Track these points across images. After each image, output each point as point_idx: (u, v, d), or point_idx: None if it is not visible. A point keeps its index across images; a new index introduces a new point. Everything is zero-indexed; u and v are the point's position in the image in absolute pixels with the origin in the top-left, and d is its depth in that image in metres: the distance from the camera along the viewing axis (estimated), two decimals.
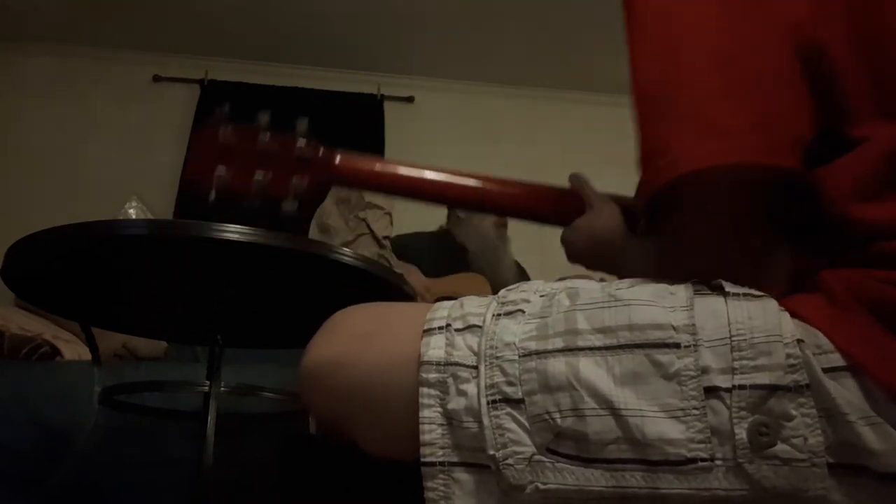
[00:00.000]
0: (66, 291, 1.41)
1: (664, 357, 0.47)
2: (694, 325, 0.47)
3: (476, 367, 0.51)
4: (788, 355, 0.45)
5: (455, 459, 0.50)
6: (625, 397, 0.46)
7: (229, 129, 0.78)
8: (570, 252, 0.83)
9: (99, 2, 3.17)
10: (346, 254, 1.20)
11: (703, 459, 0.45)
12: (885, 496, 0.44)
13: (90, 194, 3.07)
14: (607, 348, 0.48)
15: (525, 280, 0.65)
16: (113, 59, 3.50)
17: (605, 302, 0.51)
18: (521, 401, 0.49)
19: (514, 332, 0.52)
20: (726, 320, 0.47)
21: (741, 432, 0.44)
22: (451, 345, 0.53)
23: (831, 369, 0.45)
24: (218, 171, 0.78)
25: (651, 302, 0.49)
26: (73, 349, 2.09)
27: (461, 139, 3.62)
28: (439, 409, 0.51)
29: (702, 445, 0.45)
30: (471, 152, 3.56)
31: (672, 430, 0.45)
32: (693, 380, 0.46)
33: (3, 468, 1.63)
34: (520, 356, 0.50)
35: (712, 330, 0.47)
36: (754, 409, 0.44)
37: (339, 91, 3.56)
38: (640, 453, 0.46)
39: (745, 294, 0.49)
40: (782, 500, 0.44)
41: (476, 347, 0.52)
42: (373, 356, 0.56)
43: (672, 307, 0.49)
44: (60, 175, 3.25)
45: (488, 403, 0.49)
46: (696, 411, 0.45)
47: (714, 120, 0.52)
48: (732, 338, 0.46)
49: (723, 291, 0.49)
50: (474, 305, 0.56)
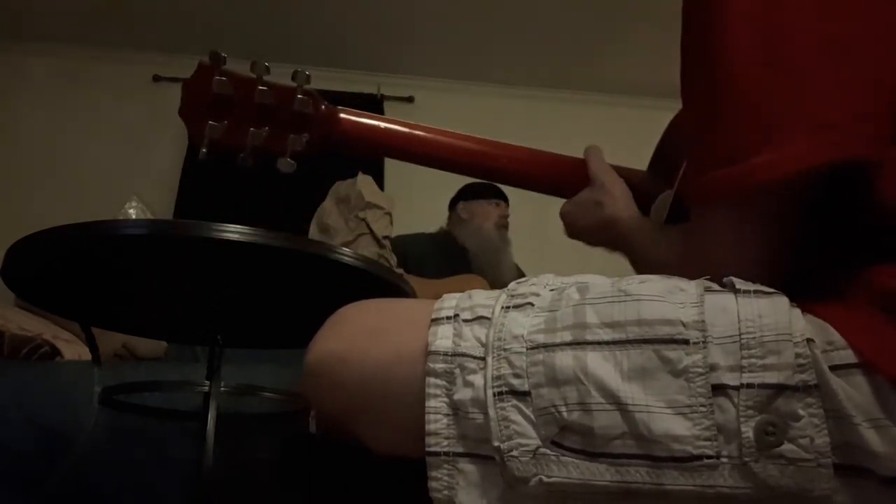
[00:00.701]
0: (66, 291, 1.41)
1: (673, 353, 0.46)
2: (703, 321, 0.47)
3: (483, 359, 0.51)
4: (797, 355, 0.45)
5: (460, 450, 0.50)
6: (632, 392, 0.46)
7: (224, 78, 0.72)
8: (570, 226, 0.81)
9: (99, 2, 3.17)
10: (346, 254, 1.20)
11: (708, 457, 0.44)
12: (887, 500, 0.43)
13: (90, 194, 3.07)
14: (616, 343, 0.48)
15: None
16: (113, 59, 3.50)
17: (614, 297, 0.51)
18: (528, 393, 0.49)
19: (523, 324, 0.51)
20: (736, 318, 0.47)
21: (748, 431, 0.44)
22: (458, 335, 0.53)
23: (842, 366, 0.45)
24: (211, 122, 0.72)
25: (661, 298, 0.49)
26: (73, 349, 2.09)
27: None
28: (445, 399, 0.51)
29: (708, 443, 0.45)
30: None
31: (679, 426, 0.45)
32: (701, 377, 0.45)
33: (3, 468, 1.62)
34: (527, 349, 0.50)
35: (722, 327, 0.47)
36: (762, 408, 0.44)
37: (339, 91, 3.56)
38: (646, 449, 0.45)
39: (755, 291, 0.48)
40: (787, 499, 0.44)
41: (484, 339, 0.52)
42: (379, 351, 0.55)
43: (682, 303, 0.48)
44: (60, 175, 3.25)
45: (494, 395, 0.49)
46: (704, 408, 0.45)
47: (826, 114, 0.50)
48: (742, 335, 0.46)
49: (734, 288, 0.49)
50: (483, 297, 0.56)
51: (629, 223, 0.75)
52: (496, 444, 0.48)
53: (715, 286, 0.50)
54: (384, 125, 0.80)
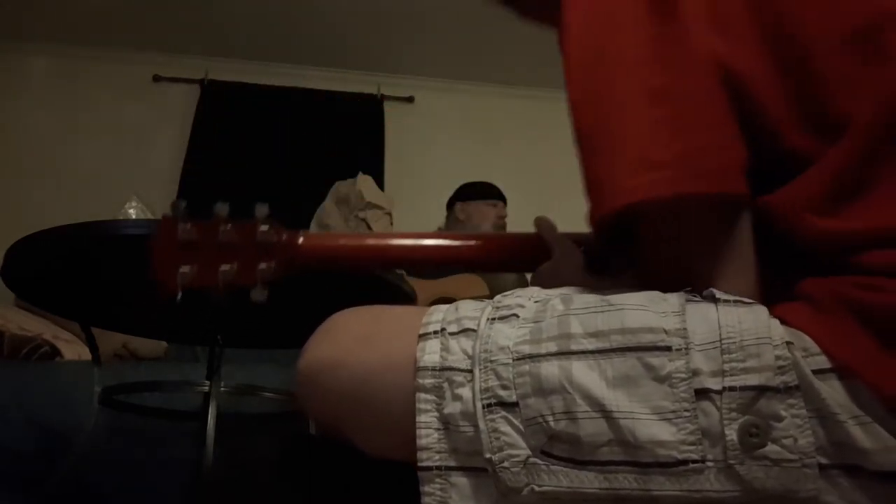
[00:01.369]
0: (66, 291, 1.41)
1: (656, 360, 0.47)
2: (685, 329, 0.48)
3: (470, 371, 0.51)
4: (778, 357, 0.45)
5: (452, 463, 0.50)
6: (617, 400, 0.47)
7: (188, 226, 0.76)
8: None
9: (99, 2, 3.17)
10: None
11: (694, 461, 0.45)
12: (879, 495, 0.44)
13: (90, 194, 3.07)
14: (600, 352, 0.49)
15: (523, 282, 0.65)
16: (113, 59, 3.50)
17: (598, 307, 0.51)
18: (516, 404, 0.49)
19: (509, 335, 0.52)
20: (717, 325, 0.47)
21: (731, 433, 0.45)
22: (445, 349, 0.53)
23: (819, 371, 0.46)
24: (182, 269, 0.76)
25: (643, 307, 0.50)
26: (73, 349, 2.09)
27: (461, 139, 3.63)
28: (436, 414, 0.51)
29: (693, 447, 0.45)
30: (470, 152, 3.56)
31: (663, 431, 0.45)
32: (684, 382, 0.46)
33: (3, 468, 1.63)
34: (514, 360, 0.50)
35: (703, 334, 0.47)
36: (744, 410, 0.45)
37: (339, 91, 3.57)
38: (632, 455, 0.46)
39: (735, 301, 0.49)
40: (774, 501, 0.45)
41: (470, 351, 0.52)
42: (369, 358, 0.56)
43: (664, 312, 0.49)
44: (60, 175, 3.25)
45: (483, 407, 0.50)
46: (688, 413, 0.46)
47: (647, 155, 0.52)
48: (723, 341, 0.47)
49: (714, 299, 0.50)
50: (469, 309, 0.56)
51: (585, 285, 0.77)
52: (487, 455, 0.49)
53: (696, 297, 0.51)
54: (342, 242, 0.84)
